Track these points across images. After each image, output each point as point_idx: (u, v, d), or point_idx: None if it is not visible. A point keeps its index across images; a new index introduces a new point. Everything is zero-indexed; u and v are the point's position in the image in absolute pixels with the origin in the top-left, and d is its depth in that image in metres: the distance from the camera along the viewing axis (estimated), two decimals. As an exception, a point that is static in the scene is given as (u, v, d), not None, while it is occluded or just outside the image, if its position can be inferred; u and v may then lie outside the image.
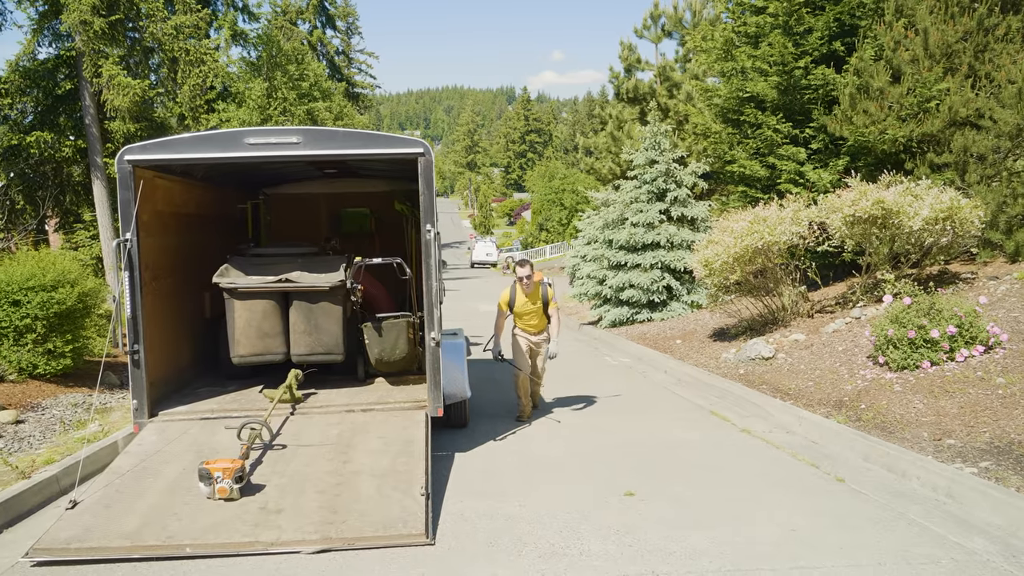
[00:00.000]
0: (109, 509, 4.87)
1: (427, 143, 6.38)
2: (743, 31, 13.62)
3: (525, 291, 7.73)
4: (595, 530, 4.78)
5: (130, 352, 6.10)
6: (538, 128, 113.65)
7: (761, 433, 7.17)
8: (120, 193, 6.12)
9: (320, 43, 46.47)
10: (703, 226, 15.21)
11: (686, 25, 21.98)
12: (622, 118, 23.01)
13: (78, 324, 9.74)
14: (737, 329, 11.80)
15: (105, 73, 20.49)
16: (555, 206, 51.59)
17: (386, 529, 4.64)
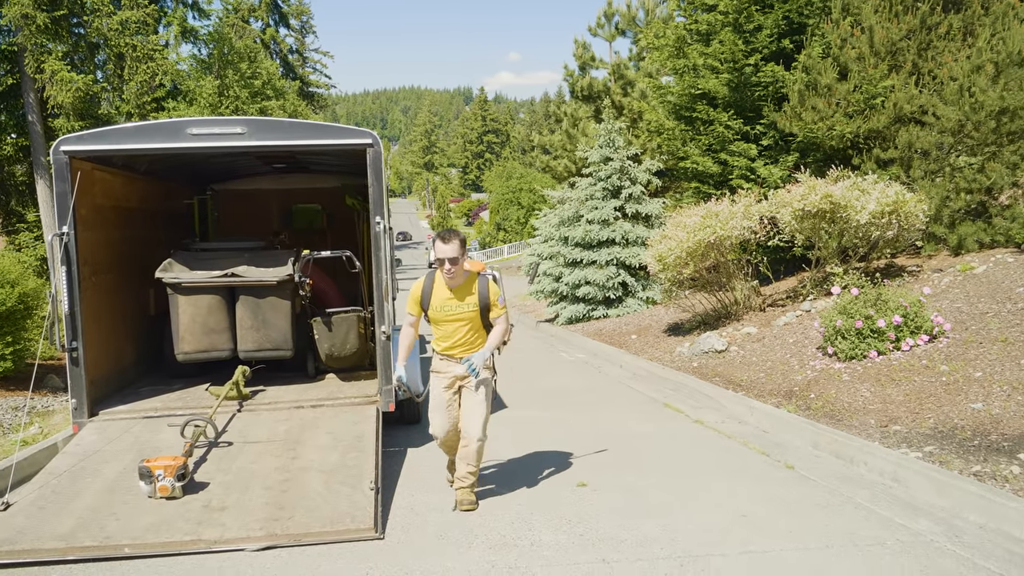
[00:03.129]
0: (43, 511, 4.68)
1: (376, 134, 6.29)
2: (695, 29, 13.75)
3: (449, 283, 4.88)
4: (546, 521, 4.74)
5: (68, 350, 5.90)
6: (496, 129, 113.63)
7: (714, 424, 7.22)
8: (56, 185, 5.92)
9: (273, 41, 45.83)
10: (657, 223, 15.31)
11: (639, 23, 22.15)
12: (577, 116, 23.09)
13: (19, 326, 9.44)
14: (691, 323, 11.90)
15: (48, 69, 19.91)
16: (512, 205, 51.66)
17: (333, 524, 4.54)
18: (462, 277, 4.89)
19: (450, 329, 4.93)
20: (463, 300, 4.89)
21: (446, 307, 4.90)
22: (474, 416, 4.92)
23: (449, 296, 4.88)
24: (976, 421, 5.74)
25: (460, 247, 4.76)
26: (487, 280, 4.96)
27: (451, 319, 4.91)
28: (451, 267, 4.76)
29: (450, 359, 4.98)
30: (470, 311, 4.90)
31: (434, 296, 4.92)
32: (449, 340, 4.96)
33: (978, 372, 6.51)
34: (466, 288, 4.92)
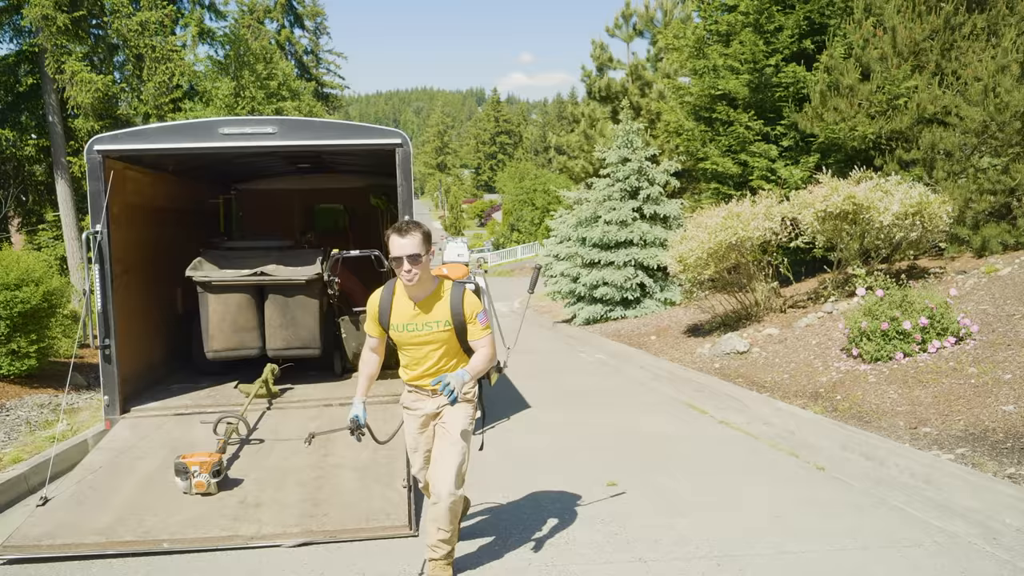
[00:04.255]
0: (82, 505, 4.74)
1: (405, 133, 6.32)
2: (715, 29, 13.74)
3: (411, 293, 3.74)
4: (580, 520, 4.75)
5: (101, 347, 5.96)
6: (508, 129, 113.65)
7: (739, 425, 7.21)
8: (90, 184, 5.98)
9: (288, 42, 45.99)
10: (675, 224, 15.31)
11: (657, 24, 22.14)
12: (594, 117, 23.10)
13: (43, 324, 9.49)
14: (711, 325, 11.88)
15: (68, 69, 20.08)
16: (527, 206, 51.66)
17: (368, 521, 4.57)
18: (429, 284, 3.74)
19: (418, 354, 3.81)
20: (432, 316, 3.73)
21: (410, 325, 3.74)
22: (444, 465, 3.73)
23: (414, 311, 3.73)
24: (1008, 423, 5.71)
25: (423, 242, 3.62)
26: (462, 290, 3.78)
27: (417, 341, 3.76)
28: (411, 268, 3.57)
29: (420, 392, 3.91)
30: (441, 330, 3.74)
31: (395, 311, 3.76)
32: (418, 367, 3.84)
33: (1007, 374, 6.48)
34: (435, 300, 3.75)
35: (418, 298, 3.73)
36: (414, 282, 3.62)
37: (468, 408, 3.85)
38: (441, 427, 3.84)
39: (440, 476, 3.72)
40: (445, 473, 3.71)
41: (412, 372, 3.90)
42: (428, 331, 3.74)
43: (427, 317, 3.74)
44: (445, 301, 3.76)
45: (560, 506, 5.03)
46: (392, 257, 3.60)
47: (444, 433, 3.82)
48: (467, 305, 3.77)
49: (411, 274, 3.59)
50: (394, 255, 3.60)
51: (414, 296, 3.72)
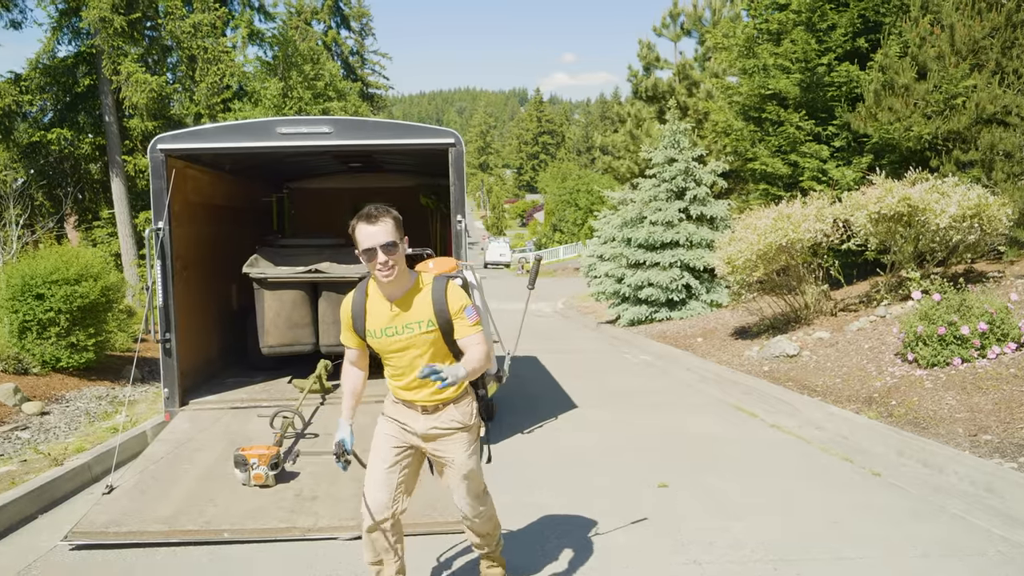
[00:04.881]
0: (145, 494, 4.87)
1: (458, 133, 6.37)
2: (765, 28, 13.56)
3: (387, 292, 3.23)
4: (630, 520, 4.74)
5: (162, 340, 6.12)
6: (551, 129, 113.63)
7: (790, 428, 7.12)
8: (153, 182, 6.14)
9: (335, 43, 46.63)
10: (722, 225, 15.15)
11: (705, 23, 21.93)
12: (640, 116, 22.97)
13: (100, 318, 9.75)
14: (759, 327, 11.74)
15: (124, 70, 20.62)
16: (569, 207, 51.52)
17: (422, 516, 4.62)
18: (406, 280, 3.21)
19: (401, 362, 3.25)
20: (412, 316, 3.19)
21: (389, 329, 3.21)
22: (460, 494, 3.45)
23: (391, 312, 3.20)
24: (1074, 432, 5.55)
25: (396, 228, 3.10)
26: (444, 283, 3.26)
27: (398, 347, 3.22)
28: (387, 259, 3.06)
29: (411, 408, 3.32)
30: (424, 332, 3.20)
31: (370, 315, 3.24)
32: (404, 379, 3.28)
33: (1073, 382, 6.30)
34: (413, 297, 3.21)
35: (394, 296, 3.20)
36: (392, 277, 3.09)
37: (466, 436, 3.39)
38: (443, 464, 3.42)
39: (463, 503, 3.48)
40: (464, 500, 3.46)
41: (397, 384, 3.33)
42: (409, 334, 3.19)
43: (407, 318, 3.19)
44: (426, 297, 3.21)
45: (611, 506, 5.03)
46: (363, 250, 3.07)
47: (451, 472, 3.41)
48: (451, 299, 3.21)
49: (389, 267, 3.07)
50: (365, 247, 3.06)
51: (390, 295, 3.20)
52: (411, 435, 3.34)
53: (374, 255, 3.05)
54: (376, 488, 3.31)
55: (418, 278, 3.26)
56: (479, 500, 3.51)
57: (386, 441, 3.35)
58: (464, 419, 3.36)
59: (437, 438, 3.32)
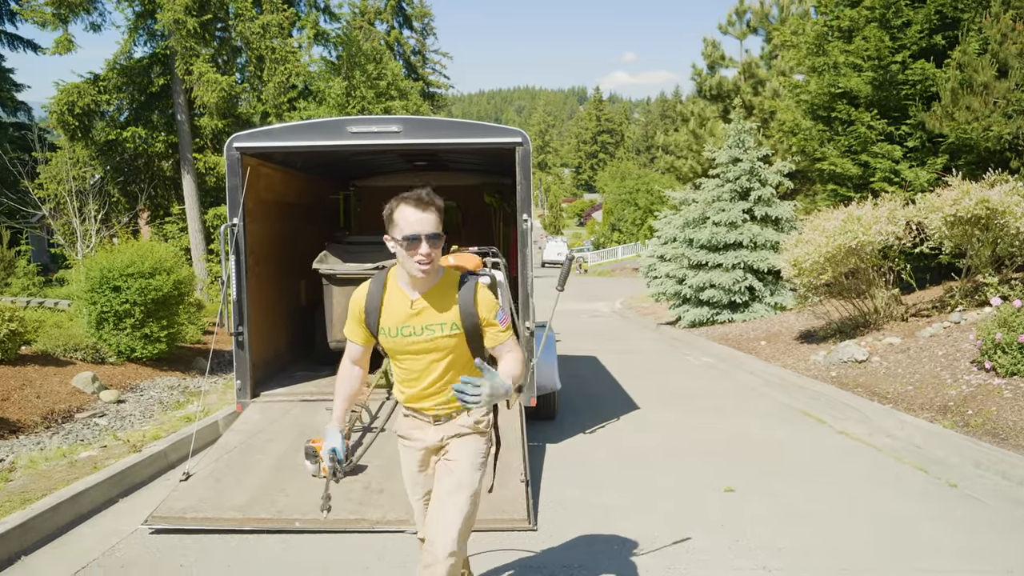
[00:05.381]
0: (220, 483, 5.02)
1: (525, 132, 6.38)
2: (836, 25, 13.24)
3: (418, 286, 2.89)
4: (698, 524, 4.70)
5: (235, 334, 6.28)
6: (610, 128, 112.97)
7: (860, 436, 6.95)
8: (228, 179, 6.31)
9: (397, 43, 47.18)
10: (788, 226, 14.86)
11: (772, 21, 21.51)
12: (704, 115, 22.66)
13: (172, 311, 10.06)
14: (825, 331, 11.48)
15: (196, 70, 21.23)
16: (628, 206, 51.16)
17: (488, 513, 4.64)
18: (434, 277, 2.89)
19: (416, 366, 2.93)
20: (435, 317, 2.88)
21: (406, 328, 2.89)
22: (444, 515, 2.85)
23: (411, 310, 2.88)
24: None
25: (441, 218, 2.81)
26: (475, 284, 2.92)
27: (416, 349, 2.90)
28: (430, 251, 2.75)
29: (419, 417, 3.01)
30: (447, 335, 2.88)
31: (386, 310, 2.91)
32: (416, 385, 2.95)
33: None
34: (440, 296, 2.89)
35: (418, 293, 2.87)
36: (429, 272, 2.79)
37: (480, 442, 2.98)
38: (444, 465, 2.96)
39: (439, 530, 2.82)
40: (445, 526, 2.81)
41: (409, 390, 2.98)
42: (430, 336, 2.87)
43: (429, 318, 2.87)
44: (452, 298, 2.88)
45: (676, 509, 4.99)
46: (405, 236, 2.73)
47: (447, 472, 2.93)
48: (481, 303, 2.89)
49: (428, 260, 2.75)
50: (409, 233, 2.72)
51: (414, 290, 2.88)
52: (425, 452, 3.02)
53: (417, 245, 2.72)
54: (420, 514, 3.10)
55: (447, 275, 2.93)
56: (463, 534, 2.85)
57: (411, 475, 3.09)
58: (477, 424, 3.00)
59: (448, 442, 2.98)
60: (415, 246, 2.72)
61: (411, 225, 2.72)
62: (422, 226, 2.72)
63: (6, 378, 7.74)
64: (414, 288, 2.87)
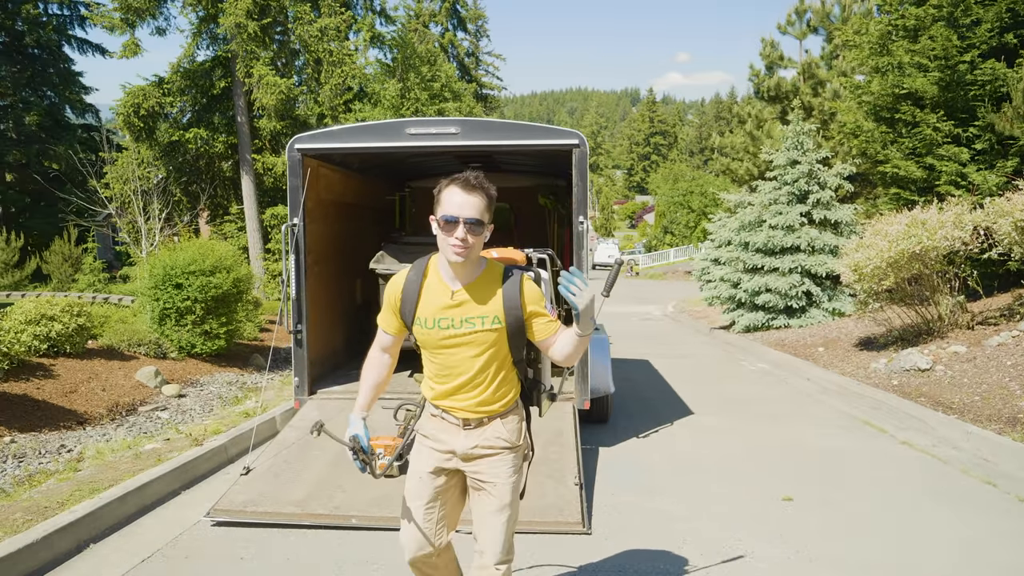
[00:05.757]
0: (278, 478, 5.11)
1: (582, 134, 6.36)
2: (900, 24, 12.89)
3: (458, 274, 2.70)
4: (757, 533, 4.61)
5: (294, 331, 6.39)
6: (663, 130, 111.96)
7: (924, 447, 6.74)
8: (290, 180, 6.42)
9: (451, 45, 47.51)
10: (847, 230, 14.52)
11: (834, 20, 21.04)
12: (761, 117, 22.28)
13: (231, 308, 10.27)
14: (886, 339, 11.18)
15: (255, 73, 21.71)
16: (681, 209, 50.58)
17: (542, 515, 4.64)
18: (476, 267, 2.73)
19: (450, 361, 2.75)
20: (476, 309, 2.71)
21: (444, 320, 2.71)
22: (492, 530, 2.81)
23: (451, 300, 2.71)
24: None
25: (488, 208, 2.63)
26: (520, 277, 2.75)
27: (452, 343, 2.73)
28: (467, 237, 2.58)
29: (448, 419, 2.83)
30: (487, 329, 2.71)
31: (424, 299, 2.74)
32: (448, 381, 2.78)
33: None
34: (483, 288, 2.72)
35: (459, 284, 2.70)
36: (463, 258, 2.60)
37: (511, 457, 2.82)
38: (480, 488, 2.83)
39: (486, 541, 2.81)
40: (492, 540, 2.80)
41: (440, 387, 2.80)
42: (469, 329, 2.69)
43: (469, 310, 2.69)
44: (496, 290, 2.71)
45: (733, 517, 4.91)
46: (443, 216, 2.58)
47: (486, 495, 2.81)
48: (528, 297, 2.71)
49: (463, 246, 2.58)
50: (447, 213, 2.58)
51: (455, 280, 2.71)
52: (450, 458, 2.83)
53: (454, 227, 2.56)
54: (413, 526, 2.86)
55: (490, 267, 2.76)
56: (510, 546, 2.83)
57: (419, 476, 2.87)
58: (511, 437, 2.81)
59: (478, 458, 2.79)
60: (452, 229, 2.57)
61: (452, 206, 2.58)
62: (462, 209, 2.56)
63: (74, 371, 8.01)
64: (455, 278, 2.69)
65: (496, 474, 2.79)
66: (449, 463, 2.83)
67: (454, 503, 2.92)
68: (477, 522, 2.85)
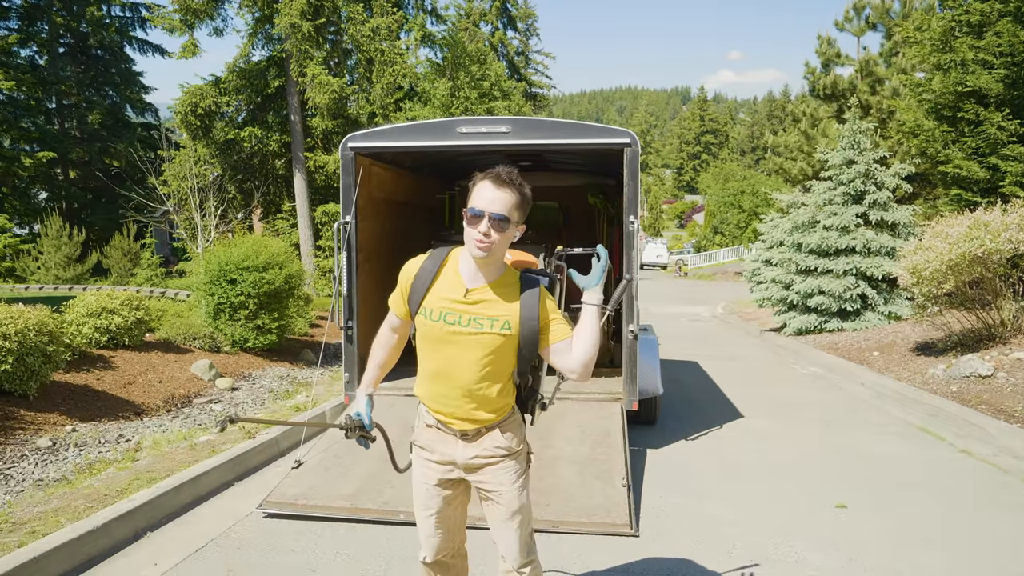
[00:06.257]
0: (328, 472, 5.18)
1: (634, 133, 6.30)
2: (964, 20, 12.50)
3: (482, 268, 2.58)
4: (809, 540, 4.52)
5: (344, 328, 6.46)
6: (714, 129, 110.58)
7: (985, 456, 6.53)
8: (342, 178, 6.50)
9: (501, 44, 47.57)
10: (905, 232, 14.13)
11: (893, 16, 20.49)
12: (817, 116, 21.81)
13: (283, 304, 10.45)
14: (945, 344, 10.86)
15: (309, 72, 22.04)
16: (732, 208, 49.87)
17: (590, 516, 4.62)
18: (497, 268, 2.62)
19: (449, 361, 2.63)
20: (489, 310, 2.58)
21: (451, 314, 2.60)
22: (508, 537, 2.81)
23: (464, 297, 2.59)
24: None
25: (518, 206, 2.54)
26: (539, 287, 2.62)
27: (453, 339, 2.60)
28: (490, 232, 2.48)
29: (444, 431, 2.74)
30: (496, 333, 2.58)
31: (435, 289, 2.63)
32: (442, 383, 2.67)
33: None
34: (500, 291, 2.60)
35: (478, 282, 2.59)
36: (485, 254, 2.50)
37: (513, 464, 2.76)
38: (487, 497, 2.80)
39: (505, 548, 2.82)
40: (509, 546, 2.80)
41: (433, 389, 2.71)
42: (476, 329, 2.57)
43: (480, 310, 2.57)
44: (514, 296, 2.58)
45: (784, 522, 4.82)
46: (469, 209, 2.51)
47: (494, 504, 2.79)
48: (546, 306, 2.60)
49: (487, 241, 2.47)
50: (475, 206, 2.50)
51: (474, 278, 2.59)
52: (452, 469, 2.77)
53: (478, 221, 2.47)
54: (427, 535, 2.87)
55: (508, 271, 2.65)
56: (529, 547, 2.82)
57: (425, 488, 2.82)
58: (510, 444, 2.74)
59: (480, 468, 2.74)
60: (476, 222, 2.48)
61: (481, 200, 2.49)
62: (491, 204, 2.47)
63: (132, 363, 8.24)
64: (474, 275, 2.58)
65: (500, 482, 2.74)
66: (452, 474, 2.77)
67: (464, 507, 2.91)
68: (492, 529, 2.84)
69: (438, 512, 2.81)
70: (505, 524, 2.77)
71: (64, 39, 35.47)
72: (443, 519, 2.82)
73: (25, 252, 28.60)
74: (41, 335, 6.38)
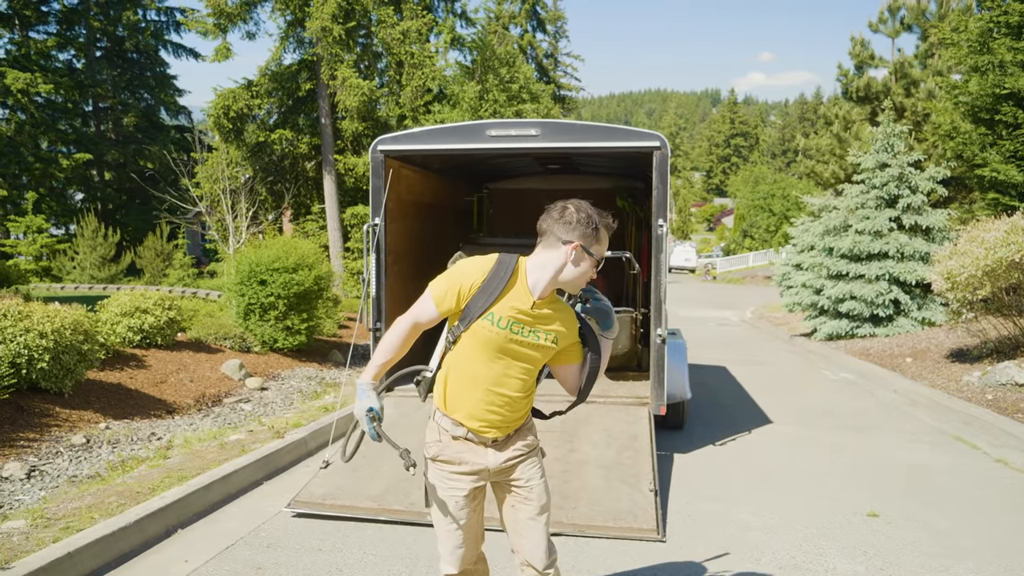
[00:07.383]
0: (356, 472, 5.21)
1: (663, 136, 6.27)
2: (1003, 21, 12.28)
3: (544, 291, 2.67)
4: (839, 549, 4.46)
5: (373, 329, 6.50)
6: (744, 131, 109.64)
7: (1020, 466, 6.40)
8: (372, 180, 6.54)
9: (530, 46, 47.62)
10: (940, 236, 13.90)
11: (929, 17, 20.17)
12: (849, 118, 21.52)
13: (312, 305, 10.52)
14: (980, 351, 10.66)
15: (339, 75, 22.20)
16: (762, 212, 49.39)
17: (616, 520, 4.60)
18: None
19: (504, 366, 2.67)
20: (548, 324, 2.68)
21: (516, 325, 2.64)
22: (536, 536, 2.83)
23: (532, 310, 2.65)
24: None
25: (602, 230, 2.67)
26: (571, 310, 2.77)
27: (510, 350, 2.66)
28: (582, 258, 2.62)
29: (472, 439, 2.75)
30: (548, 345, 2.69)
31: (505, 299, 2.63)
32: (490, 392, 2.68)
33: None
34: (553, 306, 2.71)
35: (540, 295, 2.66)
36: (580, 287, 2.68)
37: (538, 459, 2.89)
38: (517, 493, 2.82)
39: (532, 548, 2.81)
40: (537, 545, 2.81)
41: (475, 397, 2.69)
42: (535, 340, 2.66)
43: (540, 323, 2.66)
44: (562, 312, 2.72)
45: (814, 530, 4.76)
46: (597, 256, 2.63)
47: (524, 500, 2.81)
48: (576, 329, 2.77)
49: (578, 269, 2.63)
50: (600, 255, 2.65)
51: (538, 290, 2.65)
52: (480, 478, 2.78)
53: (595, 265, 2.64)
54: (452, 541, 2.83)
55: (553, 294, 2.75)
56: (552, 546, 2.86)
57: (455, 502, 2.78)
58: (531, 439, 2.86)
59: (512, 467, 2.79)
60: (593, 265, 2.64)
61: (600, 249, 2.64)
62: (603, 253, 2.67)
63: (164, 362, 8.35)
64: (538, 290, 2.64)
65: (531, 477, 2.81)
66: (480, 483, 2.79)
67: (483, 511, 2.91)
68: (516, 531, 2.83)
69: (462, 525, 2.79)
70: (534, 521, 2.79)
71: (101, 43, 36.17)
72: (469, 528, 2.82)
73: (61, 252, 29.20)
74: (76, 334, 6.50)
